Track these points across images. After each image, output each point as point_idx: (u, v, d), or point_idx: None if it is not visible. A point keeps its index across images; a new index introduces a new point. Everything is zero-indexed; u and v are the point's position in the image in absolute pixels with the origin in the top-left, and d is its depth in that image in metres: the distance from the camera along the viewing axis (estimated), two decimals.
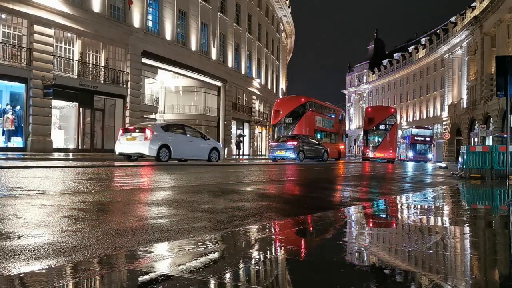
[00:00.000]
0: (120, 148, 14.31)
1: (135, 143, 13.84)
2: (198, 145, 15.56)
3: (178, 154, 14.64)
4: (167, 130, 14.59)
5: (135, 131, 14.08)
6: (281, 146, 22.46)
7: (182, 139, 14.94)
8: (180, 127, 15.67)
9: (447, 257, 2.17)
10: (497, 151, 10.50)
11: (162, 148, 13.90)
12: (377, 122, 35.22)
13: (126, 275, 1.72)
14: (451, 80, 55.23)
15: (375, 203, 4.75)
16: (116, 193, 4.91)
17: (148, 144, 13.57)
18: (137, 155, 14.32)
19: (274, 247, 2.34)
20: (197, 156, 15.66)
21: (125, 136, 14.19)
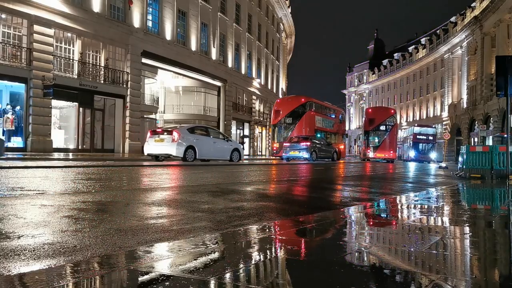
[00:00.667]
0: (149, 149, 15.18)
1: (163, 145, 14.69)
2: (220, 146, 16.44)
3: (203, 154, 15.49)
4: (192, 132, 15.46)
5: (163, 133, 14.98)
6: (295, 147, 23.35)
7: (206, 141, 15.78)
8: (204, 129, 16.63)
9: (447, 257, 2.17)
10: (497, 151, 10.50)
11: (188, 149, 14.75)
12: (378, 123, 35.62)
13: (126, 275, 1.72)
14: (451, 80, 55.24)
15: (375, 203, 4.75)
16: (116, 193, 4.92)
17: (175, 146, 14.44)
18: (165, 155, 15.08)
19: (274, 247, 2.34)
20: (219, 157, 16.51)
21: (153, 138, 15.07)
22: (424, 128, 45.62)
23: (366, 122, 36.73)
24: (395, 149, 37.38)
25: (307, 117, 28.82)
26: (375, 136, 35.60)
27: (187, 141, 14.85)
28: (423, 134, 43.64)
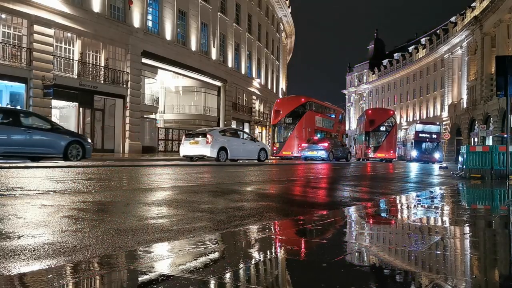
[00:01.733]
0: (184, 151, 16.45)
1: (198, 146, 15.90)
2: (249, 147, 17.60)
3: (234, 155, 16.69)
4: (224, 134, 16.74)
5: (198, 136, 16.23)
6: (313, 147, 24.78)
7: (236, 142, 17.05)
8: (234, 131, 18.05)
9: (447, 257, 2.17)
10: (497, 151, 10.50)
11: (221, 151, 15.93)
12: (378, 124, 36.20)
13: (126, 275, 1.72)
14: (451, 80, 55.24)
15: (375, 203, 4.75)
16: (116, 193, 4.92)
17: (209, 147, 15.65)
18: (200, 156, 16.37)
19: (274, 247, 2.34)
20: (248, 157, 17.70)
21: (188, 140, 16.33)
22: (427, 126, 42.13)
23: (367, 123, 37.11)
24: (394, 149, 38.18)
25: (307, 117, 28.84)
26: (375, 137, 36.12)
27: (220, 143, 15.98)
28: (426, 132, 40.08)
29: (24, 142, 10.93)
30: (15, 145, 10.85)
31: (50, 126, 11.90)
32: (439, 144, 40.71)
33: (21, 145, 10.93)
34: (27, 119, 11.64)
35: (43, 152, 11.53)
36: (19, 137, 10.84)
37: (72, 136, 12.27)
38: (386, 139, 35.94)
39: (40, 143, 11.29)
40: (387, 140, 35.99)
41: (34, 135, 11.13)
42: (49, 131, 11.59)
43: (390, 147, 36.28)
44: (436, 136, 39.79)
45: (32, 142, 11.09)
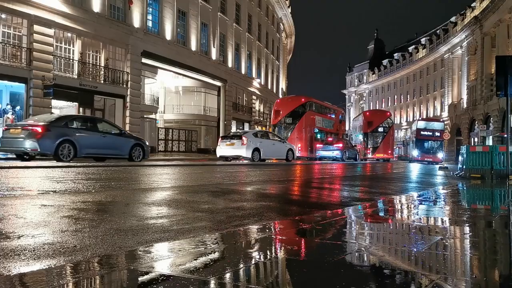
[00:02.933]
0: (221, 152, 18.05)
1: (234, 148, 17.46)
2: (279, 147, 19.14)
3: (265, 155, 18.19)
4: (256, 136, 18.23)
5: (233, 138, 17.92)
6: (328, 148, 26.51)
7: (268, 143, 18.50)
8: (265, 133, 19.61)
9: (447, 257, 2.17)
10: (497, 151, 10.49)
11: (255, 151, 17.47)
12: (376, 125, 37.54)
13: (126, 275, 1.72)
14: (451, 80, 55.24)
15: (375, 203, 4.75)
16: (116, 193, 4.92)
17: (245, 148, 17.19)
18: (235, 157, 17.99)
19: (274, 247, 2.34)
20: (278, 157, 19.24)
21: (225, 142, 18.00)
22: (430, 123, 38.99)
23: (365, 124, 38.18)
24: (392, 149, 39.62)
25: (307, 117, 28.84)
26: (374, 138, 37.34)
27: (254, 144, 17.55)
28: (429, 130, 36.73)
29: (101, 145, 12.36)
30: (95, 148, 12.26)
31: (118, 131, 13.50)
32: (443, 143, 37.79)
33: (99, 147, 12.34)
34: (101, 125, 13.07)
35: (114, 154, 12.99)
36: (97, 141, 12.23)
37: (135, 140, 13.76)
38: (384, 139, 37.26)
39: (113, 146, 12.77)
40: (385, 141, 37.32)
41: (108, 139, 12.61)
42: (117, 135, 13.12)
43: (388, 147, 37.62)
44: (439, 134, 36.21)
45: (107, 145, 12.55)
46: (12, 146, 11.46)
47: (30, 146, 10.99)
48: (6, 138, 11.68)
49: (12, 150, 11.84)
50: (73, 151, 11.46)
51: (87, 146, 11.91)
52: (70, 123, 12.08)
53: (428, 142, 36.26)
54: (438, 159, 34.18)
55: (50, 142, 11.03)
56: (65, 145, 11.27)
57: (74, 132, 11.70)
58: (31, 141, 10.94)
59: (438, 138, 35.98)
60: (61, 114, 14.56)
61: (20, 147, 11.21)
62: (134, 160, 13.17)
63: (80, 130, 12.03)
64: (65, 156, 11.27)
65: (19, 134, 11.18)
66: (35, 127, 11.10)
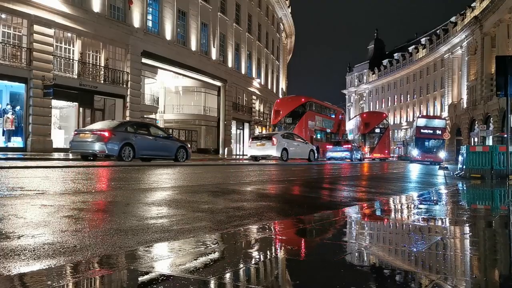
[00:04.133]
0: (252, 152, 19.71)
1: (264, 148, 18.98)
2: (302, 148, 20.75)
3: (292, 154, 19.61)
4: (284, 138, 19.68)
5: (263, 139, 19.46)
6: (337, 149, 28.07)
7: (293, 144, 20.11)
8: (290, 135, 20.96)
9: (447, 257, 2.17)
10: (497, 151, 10.49)
11: (283, 151, 18.91)
12: (373, 126, 39.15)
13: (126, 275, 1.72)
14: (451, 80, 55.26)
15: (375, 203, 4.75)
16: (116, 193, 4.92)
17: (275, 148, 18.66)
18: (265, 156, 19.46)
19: (274, 247, 2.34)
20: (301, 156, 20.70)
21: (255, 143, 19.58)
22: (430, 120, 36.85)
23: (363, 125, 39.68)
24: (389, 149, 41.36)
25: (307, 117, 28.83)
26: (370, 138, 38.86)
27: (282, 145, 19.03)
28: (429, 128, 34.47)
29: (153, 148, 13.87)
30: (149, 150, 13.76)
31: (166, 135, 15.15)
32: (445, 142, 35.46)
33: (152, 149, 13.87)
34: (152, 129, 14.58)
35: (164, 155, 14.45)
36: (151, 144, 13.78)
37: (179, 142, 15.46)
38: (381, 140, 38.76)
39: (163, 148, 14.27)
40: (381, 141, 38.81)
41: (159, 142, 14.10)
42: (166, 139, 14.61)
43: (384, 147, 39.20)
44: (441, 132, 33.77)
45: (158, 148, 14.03)
46: (83, 148, 12.86)
47: (99, 148, 12.42)
48: (76, 141, 13.02)
49: (83, 152, 13.09)
50: (133, 152, 12.99)
51: (143, 148, 13.45)
52: (129, 128, 13.56)
53: (429, 140, 34.18)
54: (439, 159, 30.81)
55: (115, 145, 12.55)
56: (126, 148, 12.81)
57: (132, 136, 13.20)
58: (100, 144, 12.38)
59: (439, 137, 33.65)
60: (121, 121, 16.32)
61: (90, 149, 12.62)
62: (179, 161, 14.61)
63: (137, 135, 13.44)
64: (126, 157, 12.77)
65: (88, 138, 12.65)
66: (103, 132, 12.55)
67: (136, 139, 13.25)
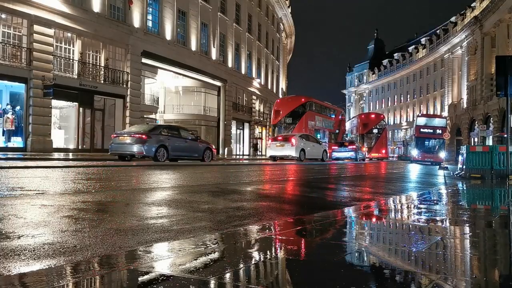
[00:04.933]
0: (272, 152, 21.28)
1: (284, 148, 20.44)
2: (317, 148, 22.19)
3: (308, 155, 21.10)
4: (302, 139, 21.12)
5: (283, 140, 20.87)
6: (342, 149, 29.44)
7: (310, 145, 21.56)
8: (306, 136, 22.40)
9: (447, 257, 2.17)
10: (497, 151, 10.49)
11: (301, 151, 20.38)
12: (370, 127, 40.40)
13: (126, 275, 1.72)
14: (451, 80, 55.26)
15: (375, 203, 4.75)
16: (116, 193, 4.92)
17: (294, 149, 20.09)
18: (283, 156, 20.81)
19: (274, 247, 2.34)
20: (315, 156, 22.13)
21: (275, 143, 21.12)
22: (431, 119, 35.69)
23: (361, 126, 41.01)
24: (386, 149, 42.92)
25: (307, 117, 28.82)
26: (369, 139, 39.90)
27: (300, 146, 20.43)
28: (430, 127, 33.46)
29: (183, 149, 15.06)
30: (180, 151, 14.88)
31: (194, 137, 16.30)
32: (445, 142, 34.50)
33: (182, 151, 15.03)
34: (182, 132, 15.65)
35: (192, 156, 15.60)
36: (181, 145, 14.93)
37: (205, 144, 16.65)
38: (378, 140, 40.01)
39: (192, 149, 15.47)
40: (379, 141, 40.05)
41: (188, 144, 15.28)
42: (193, 141, 15.80)
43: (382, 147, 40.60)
44: (441, 131, 32.85)
45: (187, 149, 15.23)
46: (122, 150, 13.94)
47: (137, 150, 13.53)
48: (116, 143, 14.06)
49: (121, 153, 14.11)
50: (166, 153, 14.11)
51: (175, 150, 14.56)
52: (163, 131, 14.68)
53: (429, 140, 33.13)
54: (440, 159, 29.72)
55: (151, 147, 13.71)
56: (161, 149, 13.94)
57: (166, 139, 14.32)
58: (138, 146, 13.49)
59: (439, 136, 32.64)
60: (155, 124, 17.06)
61: (129, 151, 13.73)
62: (205, 161, 15.87)
63: (169, 137, 14.54)
64: (160, 158, 13.89)
65: (127, 140, 13.72)
66: (141, 135, 13.65)
67: (169, 141, 14.34)
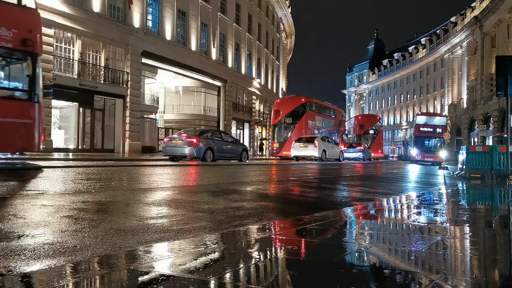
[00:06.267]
0: (295, 152, 22.92)
1: (307, 149, 22.33)
2: (335, 149, 24.43)
3: (328, 155, 23.05)
4: (323, 141, 23.01)
5: (306, 141, 22.65)
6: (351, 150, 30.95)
7: (329, 145, 23.70)
8: (326, 138, 24.38)
9: (447, 257, 2.17)
10: (497, 151, 10.49)
11: (323, 152, 22.36)
12: (367, 127, 42.23)
13: (126, 275, 1.72)
14: (451, 80, 55.26)
15: (375, 203, 4.75)
16: (116, 193, 4.92)
17: (317, 150, 22.09)
18: (307, 157, 22.69)
19: (274, 247, 2.34)
20: (334, 156, 24.07)
21: (299, 144, 22.70)
22: (430, 118, 34.67)
23: (357, 127, 42.76)
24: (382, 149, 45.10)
25: (307, 117, 28.82)
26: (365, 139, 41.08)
27: (322, 147, 22.37)
28: (429, 126, 32.46)
29: (225, 151, 16.90)
30: (223, 152, 16.70)
31: (233, 140, 18.47)
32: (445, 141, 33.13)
33: (225, 152, 16.86)
34: (224, 135, 17.82)
35: (232, 157, 17.39)
36: (224, 147, 16.81)
37: (242, 146, 18.74)
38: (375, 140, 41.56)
39: (232, 151, 17.32)
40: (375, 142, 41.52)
41: (229, 146, 17.23)
42: (233, 143, 17.77)
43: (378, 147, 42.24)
44: (441, 130, 31.80)
45: (228, 150, 17.10)
46: (174, 152, 15.62)
47: (189, 152, 15.20)
48: (169, 146, 15.82)
49: (174, 155, 15.77)
50: (212, 155, 15.88)
51: (219, 151, 16.37)
52: (209, 135, 16.48)
53: (429, 139, 31.85)
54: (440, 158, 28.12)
55: (201, 149, 15.39)
56: (208, 151, 15.67)
57: (212, 142, 16.11)
58: (190, 148, 15.16)
59: (440, 135, 31.44)
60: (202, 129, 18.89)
61: (181, 153, 15.39)
62: (242, 161, 17.48)
63: (214, 140, 16.37)
64: (207, 158, 15.60)
65: (179, 144, 15.42)
66: (192, 139, 15.33)
67: (214, 144, 16.15)
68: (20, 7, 8.67)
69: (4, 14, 8.35)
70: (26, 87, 8.60)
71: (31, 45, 8.49)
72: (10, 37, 8.25)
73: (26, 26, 8.60)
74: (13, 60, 8.72)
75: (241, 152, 17.68)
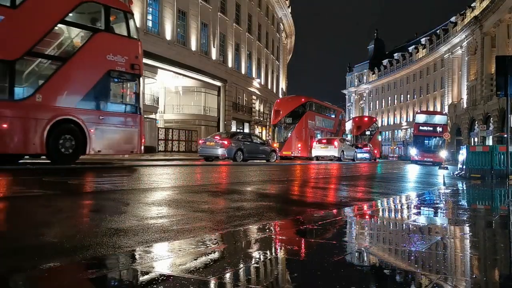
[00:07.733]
0: (316, 153, 25.09)
1: (328, 150, 24.58)
2: (351, 150, 26.34)
3: (346, 156, 25.19)
4: (341, 142, 25.12)
5: (327, 142, 24.95)
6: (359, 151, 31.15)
7: (348, 146, 26.13)
8: (343, 139, 26.45)
9: (447, 257, 2.17)
10: (497, 151, 10.49)
11: (342, 153, 24.48)
12: (363, 129, 43.90)
13: (126, 275, 1.72)
14: (451, 80, 55.25)
15: (375, 203, 4.75)
16: (116, 193, 4.92)
17: (336, 150, 24.28)
18: (328, 157, 24.61)
19: (274, 247, 2.34)
20: (351, 157, 26.05)
21: (320, 145, 24.96)
22: (430, 116, 33.57)
23: (355, 128, 44.42)
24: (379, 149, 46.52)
25: (307, 117, 28.81)
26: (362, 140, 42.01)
27: (341, 147, 24.55)
28: (429, 124, 31.40)
29: (254, 151, 18.27)
30: (252, 153, 18.02)
31: (262, 141, 20.06)
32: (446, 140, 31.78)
33: (254, 153, 18.21)
34: (253, 137, 19.48)
35: (261, 157, 18.65)
36: (253, 148, 18.17)
37: (271, 147, 20.11)
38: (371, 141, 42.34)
39: (261, 152, 18.66)
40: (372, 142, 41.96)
41: (258, 147, 18.59)
42: (262, 145, 19.14)
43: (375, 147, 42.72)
44: (442, 129, 30.49)
45: (257, 151, 18.49)
46: (209, 153, 17.11)
47: (221, 152, 16.62)
48: (204, 147, 17.26)
49: (208, 155, 17.20)
50: (242, 155, 17.24)
51: (248, 152, 17.67)
52: (239, 137, 18.07)
53: (429, 139, 30.86)
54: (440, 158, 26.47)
55: (232, 150, 16.81)
56: (238, 152, 17.07)
57: (242, 143, 17.52)
58: (222, 149, 16.56)
59: (440, 135, 30.12)
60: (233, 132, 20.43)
61: (215, 153, 16.83)
62: (270, 161, 18.86)
63: (244, 142, 17.78)
64: (238, 159, 17.02)
65: (213, 145, 16.87)
66: (224, 141, 16.82)
67: (244, 145, 17.45)
68: (129, 38, 11.15)
69: (120, 45, 10.72)
70: (135, 102, 10.94)
71: (137, 68, 10.78)
72: (123, 63, 10.48)
73: (134, 53, 10.96)
74: (125, 81, 10.92)
75: (270, 152, 19.15)
